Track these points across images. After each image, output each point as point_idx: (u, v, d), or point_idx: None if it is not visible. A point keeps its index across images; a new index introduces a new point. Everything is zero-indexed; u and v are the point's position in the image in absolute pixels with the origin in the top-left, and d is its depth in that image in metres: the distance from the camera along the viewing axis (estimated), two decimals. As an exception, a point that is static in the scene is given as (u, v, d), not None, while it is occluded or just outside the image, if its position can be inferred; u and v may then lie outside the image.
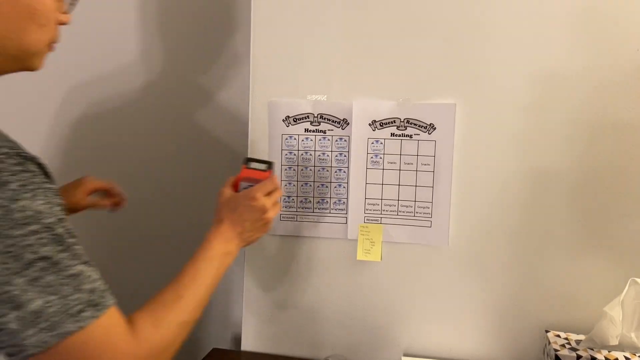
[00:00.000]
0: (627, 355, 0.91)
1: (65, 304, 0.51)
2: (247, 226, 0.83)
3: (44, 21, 0.62)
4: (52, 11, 0.63)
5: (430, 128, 1.05)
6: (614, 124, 0.98)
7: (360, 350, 1.13)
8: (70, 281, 0.52)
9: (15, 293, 0.48)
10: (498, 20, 1.00)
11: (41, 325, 0.49)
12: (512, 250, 1.05)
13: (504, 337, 1.07)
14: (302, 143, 1.12)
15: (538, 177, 1.02)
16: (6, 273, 0.48)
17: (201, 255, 0.76)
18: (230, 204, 0.84)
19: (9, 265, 0.48)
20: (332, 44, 1.07)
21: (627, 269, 0.97)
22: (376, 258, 1.09)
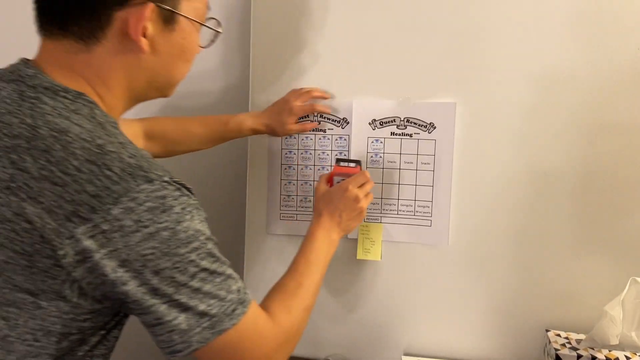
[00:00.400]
0: (628, 354, 0.91)
1: (222, 306, 0.60)
2: (344, 216, 0.90)
3: (189, 57, 0.70)
4: (195, 47, 0.71)
5: (430, 127, 1.05)
6: (615, 123, 0.98)
7: (361, 350, 1.13)
8: (224, 285, 0.61)
9: (184, 300, 0.58)
10: (498, 20, 1.00)
11: (204, 325, 0.59)
12: (512, 250, 1.04)
13: (504, 336, 1.07)
14: (302, 142, 1.11)
15: (538, 176, 1.02)
16: (176, 285, 0.57)
17: (309, 246, 0.85)
18: (326, 198, 0.92)
19: (177, 278, 0.57)
20: (331, 44, 1.07)
21: (627, 268, 0.97)
22: (376, 257, 1.09)
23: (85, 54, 0.62)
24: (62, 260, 0.54)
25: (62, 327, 0.57)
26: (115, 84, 0.65)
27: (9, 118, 0.58)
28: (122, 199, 0.54)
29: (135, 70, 0.65)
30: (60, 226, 0.53)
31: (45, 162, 0.55)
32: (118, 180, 0.55)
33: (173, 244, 0.56)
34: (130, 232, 0.54)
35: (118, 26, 0.61)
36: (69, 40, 0.62)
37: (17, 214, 0.54)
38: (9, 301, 0.56)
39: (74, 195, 0.54)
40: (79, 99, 0.61)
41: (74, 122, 0.58)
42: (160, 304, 0.57)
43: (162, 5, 0.63)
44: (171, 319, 0.58)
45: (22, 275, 0.55)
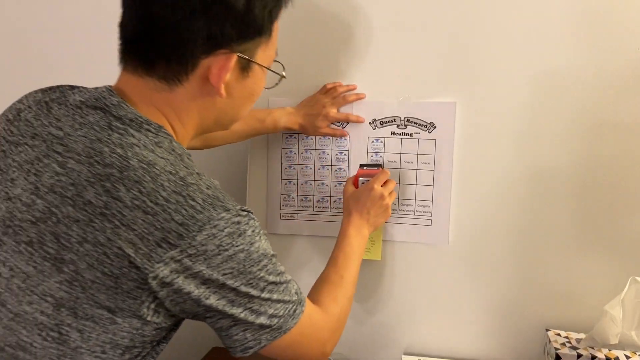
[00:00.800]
0: (628, 353, 0.91)
1: (286, 308, 0.70)
2: (372, 213, 0.97)
3: (256, 98, 0.76)
4: (262, 89, 0.76)
5: (430, 127, 1.05)
6: (615, 122, 0.98)
7: (361, 349, 1.13)
8: (286, 292, 0.70)
9: (256, 308, 0.66)
10: (499, 19, 1.00)
11: (273, 326, 0.68)
12: (512, 249, 1.04)
13: (504, 335, 1.07)
14: (302, 141, 1.11)
15: (538, 175, 1.02)
16: (250, 297, 0.65)
17: (344, 242, 0.94)
18: (354, 197, 0.99)
19: (251, 292, 0.65)
20: (331, 43, 1.07)
21: (627, 268, 0.97)
22: (376, 257, 1.09)
23: (166, 92, 0.67)
24: (150, 282, 0.59)
25: (129, 341, 0.63)
26: (189, 121, 0.71)
27: (100, 146, 0.62)
28: (206, 227, 0.60)
29: (209, 110, 0.71)
30: (152, 251, 0.59)
31: (137, 192, 0.60)
32: (201, 209, 0.61)
33: (247, 264, 0.64)
34: (212, 256, 0.61)
35: (201, 72, 0.66)
36: (152, 79, 0.66)
37: (110, 239, 0.59)
38: (87, 316, 0.60)
39: (163, 224, 0.59)
40: (160, 132, 0.66)
41: (158, 155, 0.63)
42: (238, 312, 0.65)
43: (243, 56, 0.68)
44: (246, 322, 0.66)
45: (106, 294, 0.60)
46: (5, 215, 0.63)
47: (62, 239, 0.60)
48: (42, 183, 0.62)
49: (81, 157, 0.62)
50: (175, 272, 0.60)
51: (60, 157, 0.63)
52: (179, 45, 0.64)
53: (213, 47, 0.65)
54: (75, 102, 0.67)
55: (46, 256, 0.60)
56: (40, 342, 0.61)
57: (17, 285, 0.61)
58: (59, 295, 0.60)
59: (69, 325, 0.61)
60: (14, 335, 0.62)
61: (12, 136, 0.67)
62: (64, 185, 0.61)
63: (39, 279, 0.60)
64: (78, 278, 0.59)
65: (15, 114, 0.69)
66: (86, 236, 0.59)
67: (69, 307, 0.60)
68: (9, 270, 0.62)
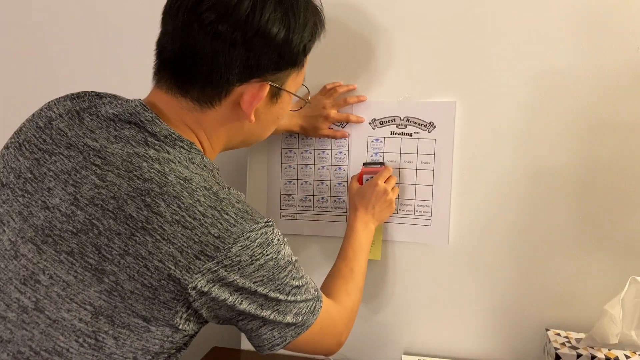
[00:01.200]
0: (628, 353, 0.91)
1: (308, 306, 0.75)
2: (377, 208, 1.01)
3: (279, 122, 0.82)
4: (287, 112, 0.81)
5: (430, 126, 1.05)
6: (615, 122, 0.98)
7: (361, 349, 1.13)
8: (307, 293, 0.75)
9: (282, 310, 0.71)
10: (499, 19, 1.00)
11: (298, 324, 0.74)
12: (512, 249, 1.04)
13: (504, 335, 1.07)
14: (302, 141, 1.11)
15: (538, 175, 1.02)
16: (277, 301, 0.70)
17: (352, 236, 0.98)
18: (359, 194, 1.02)
19: (279, 297, 0.70)
20: (331, 43, 1.07)
21: (627, 267, 0.97)
22: (376, 257, 1.09)
23: (198, 113, 0.71)
24: (189, 292, 0.63)
25: (159, 347, 0.66)
26: (217, 140, 0.75)
27: (138, 160, 0.65)
28: (240, 239, 0.64)
29: (237, 132, 0.76)
30: (190, 263, 0.62)
31: (176, 207, 0.63)
32: (235, 223, 0.65)
33: (276, 271, 0.69)
34: (245, 265, 0.65)
35: (234, 98, 0.70)
36: (186, 100, 0.70)
37: (151, 253, 0.62)
38: (124, 324, 0.63)
39: (201, 237, 0.63)
40: (192, 149, 0.70)
41: (192, 171, 0.67)
42: (267, 314, 0.70)
43: (275, 85, 0.72)
44: (274, 322, 0.71)
45: (143, 304, 0.63)
46: (45, 224, 0.64)
47: (103, 251, 0.62)
48: (82, 194, 0.64)
49: (120, 171, 0.64)
50: (212, 282, 0.64)
51: (98, 170, 0.65)
52: (216, 72, 0.67)
53: (248, 76, 0.69)
54: (108, 114, 0.69)
55: (87, 266, 0.62)
56: (76, 348, 0.63)
57: (57, 293, 0.63)
58: (98, 304, 0.63)
59: (105, 332, 0.63)
60: (51, 341, 0.64)
61: (45, 144, 0.68)
62: (104, 198, 0.63)
63: (79, 288, 0.63)
64: (118, 288, 0.62)
65: (47, 121, 0.70)
66: (128, 249, 0.62)
67: (107, 316, 0.63)
68: (49, 278, 0.63)
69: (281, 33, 0.68)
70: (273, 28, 0.67)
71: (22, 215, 0.65)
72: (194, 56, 0.67)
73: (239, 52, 0.66)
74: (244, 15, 0.65)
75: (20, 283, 0.64)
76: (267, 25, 0.66)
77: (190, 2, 0.66)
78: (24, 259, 0.64)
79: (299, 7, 0.70)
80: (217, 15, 0.65)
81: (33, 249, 0.64)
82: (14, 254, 0.65)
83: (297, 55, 0.71)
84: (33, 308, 0.64)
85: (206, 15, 0.65)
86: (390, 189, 1.02)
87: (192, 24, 0.66)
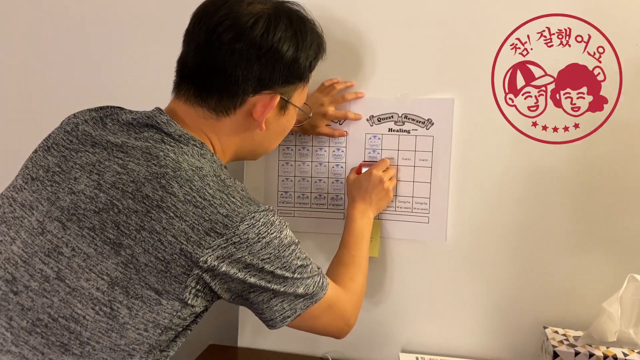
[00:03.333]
0: (626, 351, 0.91)
1: (315, 282, 0.80)
2: (374, 197, 1.03)
3: (285, 135, 0.90)
4: (292, 125, 0.89)
5: (428, 123, 1.05)
6: (615, 120, 0.98)
7: (358, 347, 1.12)
8: (311, 270, 0.80)
9: (290, 285, 0.76)
10: (497, 15, 1.00)
11: (307, 296, 0.79)
12: (510, 247, 1.04)
13: (501, 333, 1.06)
14: (300, 138, 1.11)
15: (536, 173, 1.02)
16: (285, 277, 0.75)
17: (351, 225, 1.00)
18: (356, 184, 1.04)
19: (285, 274, 0.75)
20: (329, 40, 1.06)
21: (625, 265, 0.97)
22: (373, 254, 1.09)
23: (213, 121, 0.80)
24: (201, 265, 0.69)
25: (168, 322, 0.71)
26: (228, 147, 0.84)
27: (156, 151, 0.73)
28: (246, 218, 0.71)
29: (247, 141, 0.84)
30: (201, 239, 0.69)
31: (188, 189, 0.70)
32: (241, 205, 0.72)
33: (281, 249, 0.74)
34: (253, 243, 0.71)
35: (247, 108, 0.79)
36: (203, 109, 0.79)
37: (165, 228, 0.68)
38: (137, 295, 0.69)
39: (210, 216, 0.69)
40: (204, 148, 0.78)
41: (203, 163, 0.75)
42: (277, 287, 0.75)
43: (284, 97, 0.81)
44: (284, 293, 0.77)
45: (156, 277, 0.68)
46: (70, 205, 0.71)
47: (122, 227, 0.69)
48: (105, 180, 0.71)
49: (140, 160, 0.72)
50: (221, 257, 0.70)
51: (121, 160, 0.73)
52: (234, 84, 0.77)
53: (261, 88, 0.78)
54: (127, 119, 0.78)
55: (106, 240, 0.69)
56: (92, 316, 0.69)
57: (78, 264, 0.69)
58: (114, 275, 0.68)
59: (120, 302, 0.69)
60: (69, 308, 0.69)
61: (71, 144, 0.76)
62: (125, 182, 0.71)
63: (98, 260, 0.69)
64: (133, 261, 0.68)
65: (74, 126, 0.78)
66: (144, 225, 0.68)
67: (122, 286, 0.68)
68: (71, 250, 0.69)
69: (290, 50, 0.78)
70: (284, 46, 0.77)
71: (50, 200, 0.72)
72: (214, 70, 0.76)
73: (253, 67, 0.76)
74: (258, 35, 0.75)
75: (45, 255, 0.70)
76: (279, 44, 0.77)
77: (212, 24, 0.76)
78: (49, 235, 0.71)
79: (306, 29, 0.81)
80: (235, 35, 0.75)
81: (58, 226, 0.71)
82: (40, 231, 0.71)
83: (303, 70, 0.81)
84: (55, 277, 0.69)
85: (225, 35, 0.75)
86: (387, 179, 1.04)
87: (213, 42, 0.76)
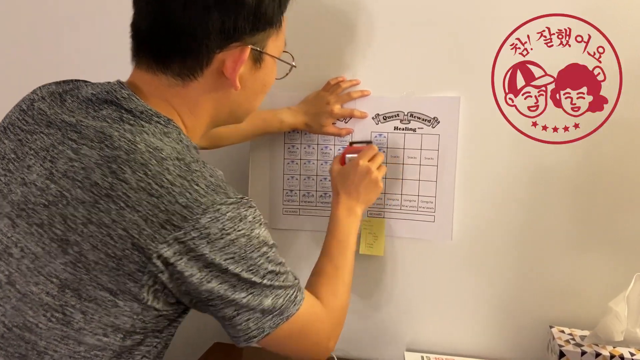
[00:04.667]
0: (633, 351, 0.91)
1: (287, 294, 0.70)
2: (361, 190, 0.94)
3: (268, 89, 0.78)
4: (274, 80, 0.78)
5: (434, 122, 1.04)
6: (617, 119, 0.97)
7: (363, 346, 1.12)
8: (285, 279, 0.70)
9: (257, 294, 0.67)
10: (503, 14, 0.99)
11: (276, 312, 0.69)
12: (516, 245, 1.04)
13: (507, 332, 1.06)
14: (305, 136, 1.11)
15: (542, 172, 1.01)
16: (251, 283, 0.66)
17: (335, 227, 0.91)
18: (340, 176, 0.96)
19: (252, 279, 0.66)
20: (336, 38, 1.06)
21: (632, 264, 0.97)
22: (379, 252, 1.09)
23: (180, 88, 0.69)
24: (154, 261, 0.60)
25: (130, 326, 0.64)
26: (203, 113, 0.73)
27: (110, 131, 0.64)
28: (209, 210, 0.61)
29: (223, 103, 0.73)
30: (155, 232, 0.60)
31: (143, 174, 0.61)
32: (205, 194, 0.62)
33: (249, 249, 0.65)
34: (215, 239, 0.62)
35: (216, 66, 0.68)
36: (166, 76, 0.68)
37: (114, 221, 0.60)
38: (90, 297, 0.62)
39: (167, 206, 0.60)
40: (169, 125, 0.68)
41: (166, 143, 0.65)
42: (240, 297, 0.66)
43: (255, 48, 0.70)
44: (248, 308, 0.67)
45: (108, 275, 0.61)
46: (20, 199, 0.64)
47: (68, 221, 0.61)
48: (57, 169, 0.63)
49: (93, 143, 0.63)
50: (179, 253, 0.61)
51: (74, 144, 0.64)
52: (194, 41, 0.66)
53: (227, 41, 0.67)
54: (87, 95, 0.69)
55: (54, 237, 0.61)
56: (45, 323, 0.62)
57: (26, 266, 0.62)
58: (63, 277, 0.61)
59: (72, 306, 0.62)
60: (21, 316, 0.63)
61: (27, 125, 0.68)
62: (76, 170, 0.62)
63: (46, 260, 0.62)
64: (82, 259, 0.61)
65: (29, 104, 0.70)
66: (91, 217, 0.60)
67: (73, 289, 0.61)
68: (20, 251, 0.63)
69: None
70: None
71: (3, 193, 0.66)
72: (169, 27, 0.65)
73: (213, 17, 0.65)
74: None
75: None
76: None
77: None
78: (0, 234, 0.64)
79: None
80: None
81: (8, 223, 0.64)
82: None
83: (272, 13, 0.69)
84: (6, 282, 0.63)
85: None
86: (376, 168, 0.96)
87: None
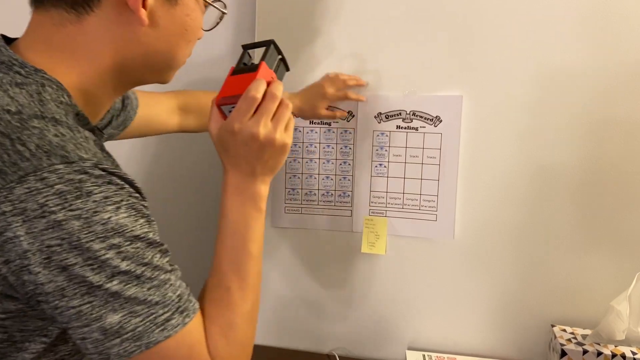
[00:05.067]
0: (634, 350, 0.91)
1: (150, 313, 0.51)
2: (252, 162, 0.63)
3: (192, 38, 0.63)
4: (199, 28, 0.64)
5: (436, 120, 1.04)
6: (620, 119, 0.97)
7: (365, 344, 1.12)
8: (157, 291, 0.52)
9: (97, 304, 0.49)
10: (506, 13, 0.99)
11: (125, 336, 0.50)
12: (517, 244, 1.04)
13: (509, 331, 1.06)
14: (307, 135, 1.11)
15: (544, 171, 1.01)
16: (88, 285, 0.48)
17: (224, 227, 0.63)
18: (220, 144, 0.64)
19: (89, 278, 0.48)
20: (337, 37, 1.06)
21: (634, 264, 0.97)
22: (381, 251, 1.09)
23: (73, 25, 0.56)
24: None
25: None
26: (102, 57, 0.58)
27: None
28: (29, 178, 0.46)
29: (131, 44, 0.58)
30: None
31: None
32: (29, 157, 0.47)
33: (85, 237, 0.47)
34: (34, 217, 0.46)
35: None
36: (58, 10, 0.56)
37: None
38: None
39: None
40: (32, 75, 0.54)
41: (9, 94, 0.51)
42: (75, 304, 0.48)
43: None
44: (83, 324, 0.49)
45: None
46: None
47: None
48: None
49: None
50: None
51: None
52: None
53: None
54: None
55: None
56: None
57: None
58: None
59: None
60: None
61: None
62: None
63: None
64: None
65: None
66: None
67: None
68: None
69: None
70: None
71: None
72: None
73: None
74: None
75: None
76: None
77: None
78: None
79: None
80: None
81: None
82: None
83: None
84: None
85: None
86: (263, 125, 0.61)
87: None
